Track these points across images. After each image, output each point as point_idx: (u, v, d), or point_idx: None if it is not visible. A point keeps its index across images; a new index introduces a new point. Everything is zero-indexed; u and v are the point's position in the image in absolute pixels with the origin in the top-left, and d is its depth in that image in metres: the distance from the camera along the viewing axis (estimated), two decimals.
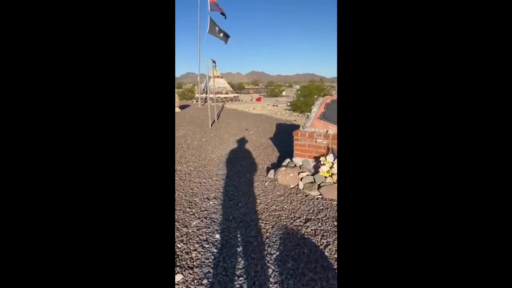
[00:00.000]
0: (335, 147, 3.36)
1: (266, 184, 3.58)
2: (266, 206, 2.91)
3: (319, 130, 3.62)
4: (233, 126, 8.07)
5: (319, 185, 3.27)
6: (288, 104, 13.65)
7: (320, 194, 3.15)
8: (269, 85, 58.05)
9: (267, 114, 11.87)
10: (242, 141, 6.09)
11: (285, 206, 2.93)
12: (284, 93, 30.26)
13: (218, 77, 17.38)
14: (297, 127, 8.74)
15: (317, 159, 3.53)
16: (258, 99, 20.71)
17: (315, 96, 14.01)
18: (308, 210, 2.83)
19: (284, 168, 3.59)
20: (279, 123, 8.93)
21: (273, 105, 15.90)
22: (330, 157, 3.19)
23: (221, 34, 13.11)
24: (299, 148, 3.68)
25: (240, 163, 4.51)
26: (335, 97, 4.23)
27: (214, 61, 11.81)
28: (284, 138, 6.37)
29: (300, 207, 2.92)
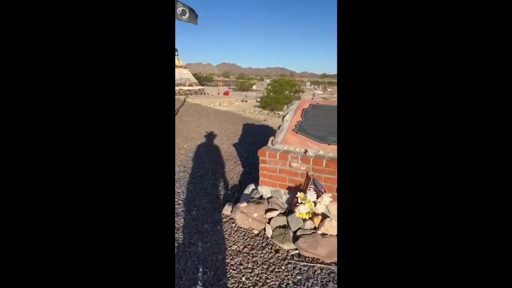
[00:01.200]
0: (318, 176, 2.34)
1: (219, 228, 2.45)
2: (212, 279, 1.79)
3: (294, 149, 2.57)
4: (190, 128, 6.77)
5: (295, 232, 2.24)
6: (258, 99, 12.63)
7: (297, 249, 2.12)
8: (240, 77, 56.35)
9: (235, 111, 10.66)
10: (198, 151, 4.87)
11: (243, 279, 1.84)
12: (254, 87, 29.12)
13: (180, 67, 15.64)
14: (266, 129, 7.87)
15: (292, 190, 2.49)
16: (226, 93, 19.31)
17: (286, 92, 13.13)
18: (280, 284, 1.78)
19: (245, 204, 2.49)
20: (247, 123, 7.81)
21: (242, 101, 14.71)
22: (311, 194, 2.17)
23: (185, 16, 11.46)
24: (267, 174, 2.60)
25: (188, 187, 3.32)
26: (315, 100, 3.20)
27: (176, 50, 10.25)
28: (250, 146, 5.28)
29: (268, 276, 1.86)
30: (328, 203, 2.17)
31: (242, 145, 5.36)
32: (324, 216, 2.22)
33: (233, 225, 2.48)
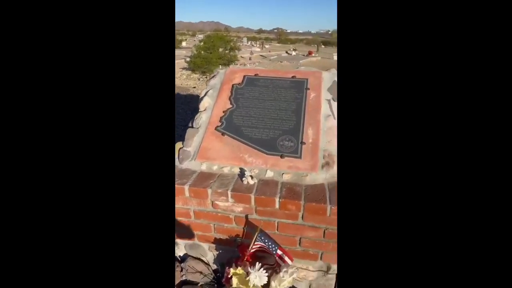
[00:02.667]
0: (268, 222, 1.22)
1: None
2: None
3: (220, 169, 1.37)
4: None
5: None
6: (188, 59, 10.57)
7: None
8: None
9: None
10: None
11: None
12: (184, 43, 25.46)
13: None
14: (196, 103, 5.93)
15: (223, 244, 1.36)
16: None
17: (220, 50, 11.30)
18: None
19: None
20: None
21: None
22: (257, 275, 1.06)
23: None
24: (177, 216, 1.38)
25: None
26: (251, 69, 1.92)
27: None
28: None
29: None
30: (290, 285, 1.12)
31: None
32: None
33: None
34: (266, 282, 1.09)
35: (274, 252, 1.15)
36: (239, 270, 1.12)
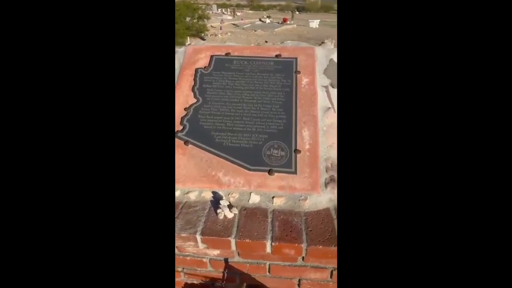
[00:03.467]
0: (256, 266, 0.89)
1: None
2: None
3: (183, 193, 0.98)
4: None
5: None
6: None
7: None
8: None
9: None
10: None
11: None
12: None
13: None
14: None
15: None
16: None
17: (187, 20, 10.20)
18: None
19: None
20: None
21: None
22: None
23: None
24: None
25: None
26: (219, 46, 1.45)
27: None
28: None
29: None
30: None
31: None
32: None
33: None
34: None
35: None
36: None
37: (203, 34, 10.80)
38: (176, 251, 0.92)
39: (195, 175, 0.99)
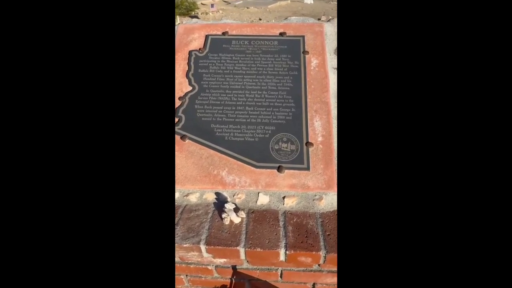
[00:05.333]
0: (267, 273, 0.80)
1: None
2: None
3: (183, 195, 0.87)
4: None
5: None
6: None
7: None
8: None
9: None
10: None
11: None
12: None
13: None
14: None
15: None
16: None
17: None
18: None
19: None
20: None
21: None
22: None
23: None
24: None
25: None
26: (215, 24, 1.29)
27: None
28: None
29: None
30: None
31: None
32: None
33: None
34: None
35: None
36: None
37: (193, 13, 10.24)
38: (178, 259, 0.83)
39: (195, 175, 0.88)
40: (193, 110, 0.96)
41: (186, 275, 0.90)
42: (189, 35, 1.12)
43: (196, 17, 9.96)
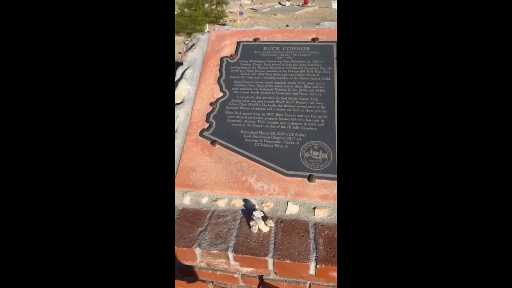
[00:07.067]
0: (295, 285, 0.77)
1: None
2: None
3: (211, 201, 0.87)
4: None
5: None
6: None
7: None
8: None
9: None
10: None
11: None
12: None
13: None
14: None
15: None
16: None
17: (205, 6, 9.98)
18: None
19: None
20: None
21: None
22: None
23: None
24: None
25: None
26: (246, 31, 1.30)
27: None
28: None
29: None
30: None
31: None
32: None
33: None
34: None
35: None
36: None
37: (222, 20, 10.55)
38: (205, 265, 0.83)
39: (224, 180, 0.88)
40: (224, 116, 0.97)
41: (212, 282, 0.89)
42: (221, 42, 1.14)
43: (225, 24, 10.25)
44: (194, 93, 1.05)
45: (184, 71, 1.11)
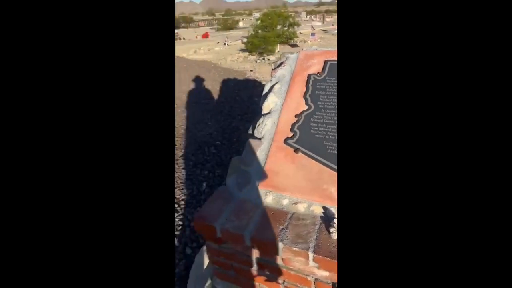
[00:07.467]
0: None
1: None
2: None
3: (291, 203, 0.94)
4: None
5: None
6: (245, 40, 10.18)
7: None
8: (226, 14, 49.45)
9: (212, 59, 8.43)
10: None
11: None
12: (241, 23, 25.02)
13: None
14: (254, 87, 5.09)
15: None
16: (204, 36, 16.16)
17: (278, 28, 10.56)
18: None
19: None
20: (227, 78, 5.86)
21: (224, 44, 12.08)
22: None
23: None
24: (229, 265, 1.04)
25: None
26: (329, 51, 1.38)
27: None
28: (229, 120, 3.58)
29: None
30: None
31: (218, 120, 3.65)
32: None
33: None
34: None
35: None
36: None
37: (292, 41, 10.96)
38: (280, 262, 0.89)
39: (304, 186, 0.94)
40: (308, 127, 1.05)
41: (283, 281, 0.95)
42: (308, 60, 1.24)
43: (296, 45, 10.61)
44: (281, 105, 1.16)
45: (273, 85, 1.24)
